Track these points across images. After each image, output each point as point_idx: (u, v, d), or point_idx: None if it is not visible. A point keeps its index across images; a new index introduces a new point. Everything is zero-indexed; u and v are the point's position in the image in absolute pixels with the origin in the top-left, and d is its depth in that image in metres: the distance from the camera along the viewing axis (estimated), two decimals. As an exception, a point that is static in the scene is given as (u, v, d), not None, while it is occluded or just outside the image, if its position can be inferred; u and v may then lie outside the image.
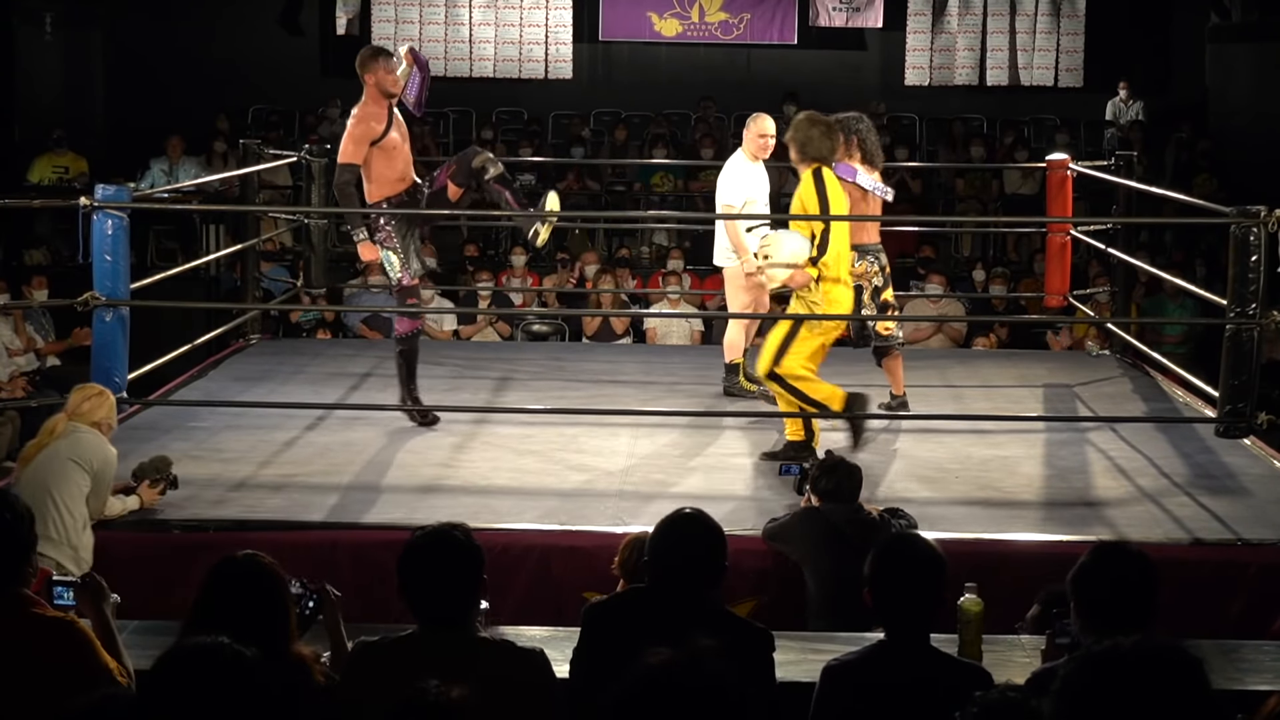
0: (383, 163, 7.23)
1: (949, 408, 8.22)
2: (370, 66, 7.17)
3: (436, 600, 3.46)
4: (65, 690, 3.13)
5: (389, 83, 7.18)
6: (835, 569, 5.19)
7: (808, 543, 5.45)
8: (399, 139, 7.28)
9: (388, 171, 7.25)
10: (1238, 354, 6.57)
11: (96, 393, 5.86)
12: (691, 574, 3.66)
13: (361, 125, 7.15)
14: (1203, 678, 2.35)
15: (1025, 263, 12.99)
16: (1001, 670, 3.96)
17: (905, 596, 3.59)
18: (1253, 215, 6.52)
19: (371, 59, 7.21)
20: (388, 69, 7.18)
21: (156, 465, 6.10)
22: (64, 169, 13.77)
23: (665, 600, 3.64)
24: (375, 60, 7.19)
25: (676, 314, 10.83)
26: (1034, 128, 15.98)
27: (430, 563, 3.47)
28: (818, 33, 16.18)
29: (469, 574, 3.47)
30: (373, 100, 7.20)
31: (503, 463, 6.87)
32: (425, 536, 3.52)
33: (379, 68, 7.16)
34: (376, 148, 7.17)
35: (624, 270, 11.84)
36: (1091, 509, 6.32)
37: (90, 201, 6.81)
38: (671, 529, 3.74)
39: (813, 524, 5.46)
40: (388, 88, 7.18)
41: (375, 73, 7.15)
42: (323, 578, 5.73)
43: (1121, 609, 3.50)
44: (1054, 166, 9.65)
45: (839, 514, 5.41)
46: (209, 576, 3.49)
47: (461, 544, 3.51)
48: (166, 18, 15.83)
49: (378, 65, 7.16)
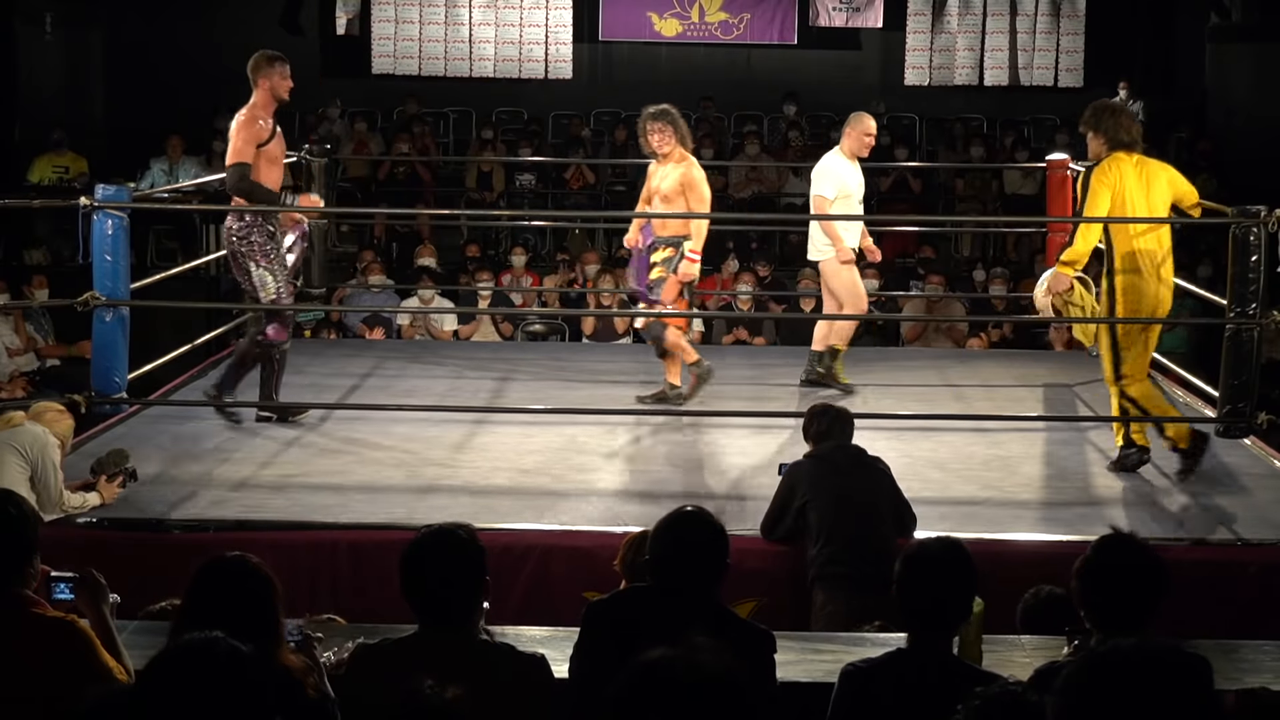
0: (263, 170, 7.18)
1: (949, 407, 8.22)
2: (265, 71, 7.19)
3: (439, 601, 3.43)
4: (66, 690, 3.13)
5: (282, 89, 7.21)
6: (834, 498, 5.62)
7: (808, 481, 5.70)
8: (279, 153, 7.32)
9: (266, 179, 7.19)
10: (1238, 354, 6.57)
11: (59, 410, 6.04)
12: (693, 573, 3.65)
13: (250, 126, 7.14)
14: (1207, 679, 2.35)
15: (1025, 263, 12.98)
16: (1001, 670, 3.96)
17: (933, 601, 3.50)
18: (1253, 215, 6.52)
19: (267, 64, 7.22)
20: (283, 75, 7.20)
21: (114, 459, 6.12)
22: (64, 169, 13.76)
23: (666, 599, 3.63)
24: (271, 65, 7.21)
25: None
26: (1034, 128, 15.97)
27: (433, 563, 3.43)
28: (818, 33, 16.17)
29: (472, 575, 3.44)
30: (262, 104, 7.19)
31: (503, 463, 6.87)
32: (429, 536, 3.49)
33: (274, 73, 7.18)
34: (260, 152, 7.14)
35: (624, 270, 11.83)
36: (1091, 509, 6.32)
37: (90, 201, 6.80)
38: (673, 527, 3.72)
39: (814, 464, 5.80)
40: (280, 94, 7.21)
41: (270, 78, 7.18)
42: (322, 578, 5.79)
43: (1127, 601, 3.48)
44: (1054, 166, 9.66)
45: (833, 452, 5.83)
46: (195, 578, 3.43)
47: (465, 544, 3.48)
48: (166, 18, 15.82)
49: (273, 71, 7.19)
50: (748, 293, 10.89)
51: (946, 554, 3.60)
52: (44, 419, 5.85)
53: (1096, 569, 3.55)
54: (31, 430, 5.71)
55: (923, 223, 12.84)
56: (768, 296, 11.38)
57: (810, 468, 5.78)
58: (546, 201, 14.61)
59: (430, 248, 12.53)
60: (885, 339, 11.01)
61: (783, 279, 11.98)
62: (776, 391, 8.54)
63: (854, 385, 8.33)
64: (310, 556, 5.84)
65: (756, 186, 14.20)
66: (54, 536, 5.66)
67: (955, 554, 3.60)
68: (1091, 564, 3.57)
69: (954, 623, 3.57)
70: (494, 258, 13.13)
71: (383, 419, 7.51)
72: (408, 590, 3.46)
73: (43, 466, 5.64)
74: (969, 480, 6.72)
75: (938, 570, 3.54)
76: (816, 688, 3.76)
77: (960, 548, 3.64)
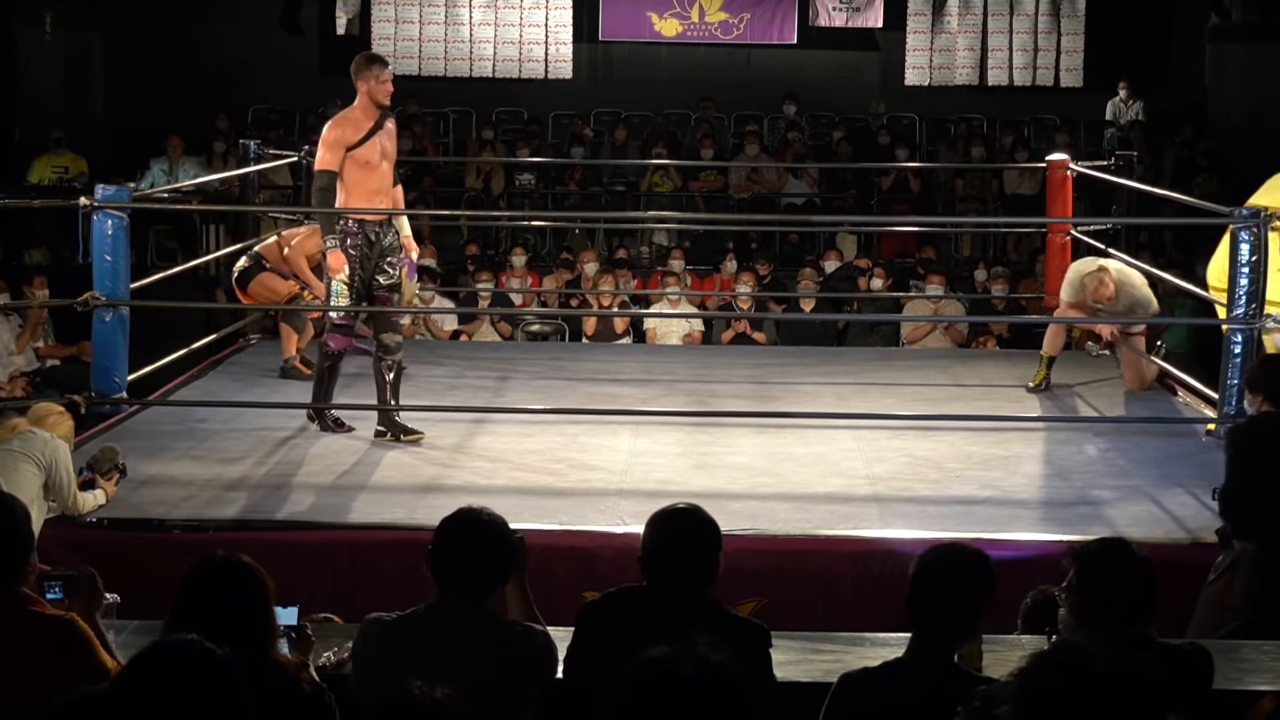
0: (356, 175, 7.00)
1: (950, 407, 8.22)
2: (362, 73, 7.04)
3: (463, 575, 3.55)
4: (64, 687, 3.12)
5: (380, 92, 7.02)
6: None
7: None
8: (377, 158, 7.04)
9: (360, 186, 7.01)
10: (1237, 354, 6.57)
11: (59, 412, 6.00)
12: (686, 570, 3.63)
13: (335, 130, 6.99)
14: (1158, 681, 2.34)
15: (1025, 263, 12.98)
16: (1001, 670, 3.95)
17: (948, 611, 3.39)
18: (1253, 215, 6.53)
19: (365, 65, 7.08)
20: (380, 78, 7.02)
21: (107, 456, 6.13)
22: (64, 169, 13.77)
23: (660, 597, 3.61)
24: (368, 68, 7.06)
25: (676, 314, 10.82)
26: (1034, 128, 15.97)
27: (465, 540, 3.57)
28: (818, 33, 16.17)
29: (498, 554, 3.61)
30: (360, 107, 7.04)
31: (503, 462, 6.87)
32: (462, 514, 3.64)
33: (371, 76, 7.02)
34: (351, 156, 6.97)
35: (624, 270, 11.84)
36: (1091, 508, 6.32)
37: (90, 201, 6.81)
38: (664, 524, 3.71)
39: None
40: (379, 98, 7.02)
41: (367, 80, 7.02)
42: (323, 578, 5.79)
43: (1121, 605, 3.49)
44: (1054, 166, 9.66)
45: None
46: (187, 577, 3.41)
47: (490, 526, 3.63)
48: (166, 18, 15.81)
49: (370, 73, 7.03)
50: (747, 293, 10.88)
51: (969, 564, 3.47)
52: (46, 423, 5.82)
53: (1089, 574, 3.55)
54: (41, 436, 5.68)
55: (923, 223, 12.84)
56: (768, 297, 11.38)
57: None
58: (546, 201, 14.61)
59: (430, 248, 12.52)
60: (886, 339, 11.01)
61: (783, 279, 11.99)
62: (777, 391, 8.55)
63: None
64: (310, 556, 5.84)
65: (757, 186, 14.21)
66: (54, 536, 5.67)
67: (978, 565, 3.47)
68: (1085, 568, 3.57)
69: (963, 635, 3.47)
70: (494, 258, 13.12)
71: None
72: (435, 564, 3.57)
73: (56, 471, 5.64)
74: (969, 480, 6.72)
75: (959, 580, 3.42)
76: (816, 688, 3.75)
77: (984, 558, 3.49)
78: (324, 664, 3.93)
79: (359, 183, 6.99)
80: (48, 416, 5.88)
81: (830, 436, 7.35)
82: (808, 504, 6.33)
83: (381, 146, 7.06)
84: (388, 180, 7.13)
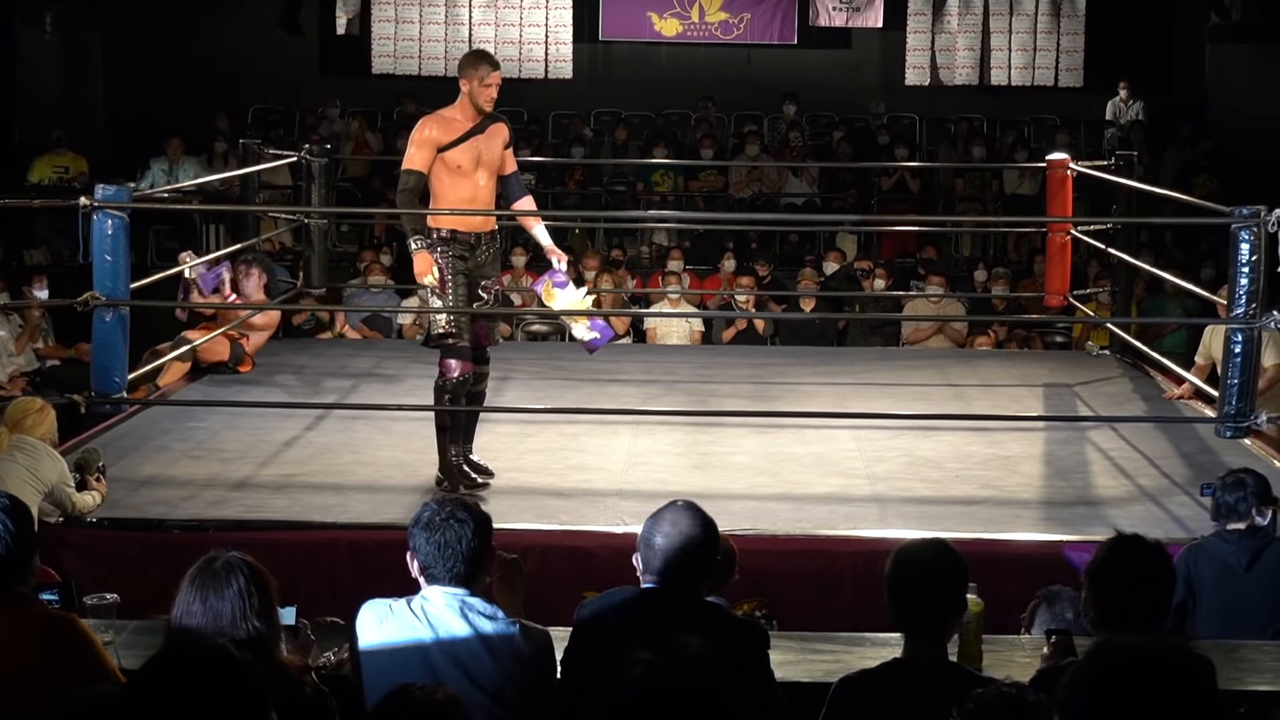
0: (445, 180, 6.42)
1: (950, 406, 8.22)
2: (465, 72, 6.44)
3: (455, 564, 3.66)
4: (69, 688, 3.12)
5: (481, 96, 6.40)
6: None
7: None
8: (470, 164, 6.40)
9: (449, 192, 6.42)
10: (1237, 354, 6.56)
11: (38, 408, 5.95)
12: (683, 568, 3.59)
13: (425, 127, 6.39)
14: (1210, 679, 2.34)
15: (1025, 263, 12.98)
16: (1002, 670, 3.96)
17: (924, 606, 3.40)
18: (1253, 215, 6.52)
19: (470, 64, 6.46)
20: (484, 80, 6.40)
21: (91, 458, 6.13)
22: (64, 169, 13.76)
23: (656, 596, 3.59)
24: (474, 67, 6.43)
25: (676, 314, 10.82)
26: (1034, 128, 15.97)
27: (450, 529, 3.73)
28: (818, 33, 16.16)
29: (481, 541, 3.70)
30: (459, 106, 6.44)
31: (503, 463, 6.87)
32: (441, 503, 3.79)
33: (473, 76, 6.40)
34: (441, 159, 6.38)
35: (624, 270, 11.84)
36: (1091, 508, 6.33)
37: (90, 201, 6.80)
38: (661, 522, 3.67)
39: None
40: (480, 101, 6.41)
41: (470, 80, 6.40)
42: (323, 578, 5.79)
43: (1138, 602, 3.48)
44: (1054, 166, 9.65)
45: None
46: (187, 577, 3.36)
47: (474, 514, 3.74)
48: (166, 18, 15.81)
49: (473, 73, 6.40)
50: (747, 293, 10.87)
51: (935, 556, 3.47)
52: (26, 424, 5.77)
53: (1109, 571, 3.54)
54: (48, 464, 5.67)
55: (923, 223, 12.83)
56: (768, 296, 11.38)
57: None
58: (546, 201, 14.60)
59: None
60: (886, 339, 11.01)
61: (783, 279, 11.98)
62: (777, 391, 8.55)
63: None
64: (310, 556, 5.84)
65: (757, 186, 14.20)
66: (55, 536, 5.68)
67: (944, 556, 3.47)
68: (1104, 566, 3.55)
69: (947, 627, 3.46)
70: (494, 258, 13.11)
71: (383, 419, 7.51)
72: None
73: (57, 492, 5.67)
74: (969, 480, 6.73)
75: (926, 574, 3.42)
76: (816, 688, 3.75)
77: (948, 548, 3.51)
78: (324, 664, 3.93)
79: (448, 189, 6.41)
80: (26, 416, 5.83)
81: (830, 436, 7.35)
82: (808, 504, 6.33)
83: (479, 152, 6.42)
84: (485, 191, 6.52)
